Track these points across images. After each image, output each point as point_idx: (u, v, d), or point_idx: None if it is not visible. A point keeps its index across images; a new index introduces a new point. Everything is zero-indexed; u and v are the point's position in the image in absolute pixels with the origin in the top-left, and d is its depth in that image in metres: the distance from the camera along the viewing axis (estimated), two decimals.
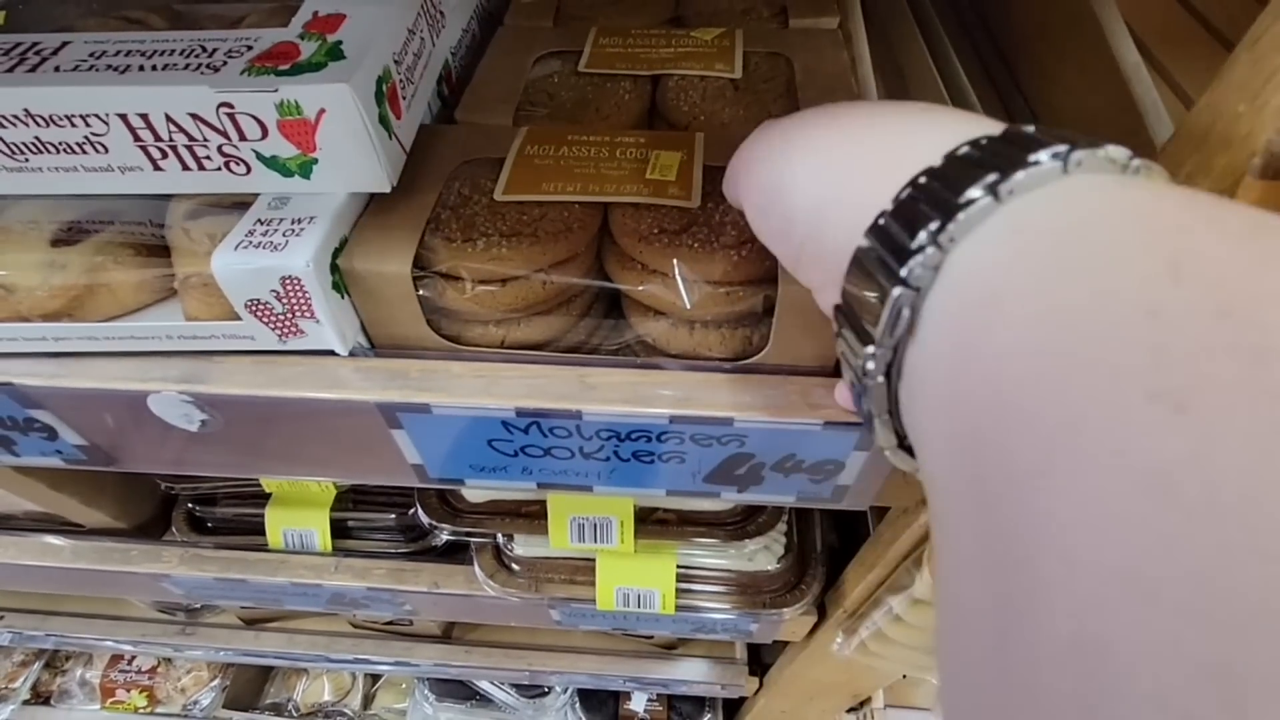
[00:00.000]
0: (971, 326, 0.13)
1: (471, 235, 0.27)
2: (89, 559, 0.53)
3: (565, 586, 0.48)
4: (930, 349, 0.14)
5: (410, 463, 0.31)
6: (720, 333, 0.28)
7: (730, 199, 0.24)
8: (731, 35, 0.38)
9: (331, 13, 0.26)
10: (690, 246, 0.26)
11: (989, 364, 0.12)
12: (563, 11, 0.42)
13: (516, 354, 0.29)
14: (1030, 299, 0.12)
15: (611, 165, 0.29)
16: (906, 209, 0.15)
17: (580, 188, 0.28)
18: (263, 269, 0.25)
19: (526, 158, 0.30)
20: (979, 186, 0.13)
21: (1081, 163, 0.13)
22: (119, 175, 0.26)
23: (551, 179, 0.29)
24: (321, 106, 0.23)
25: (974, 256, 0.13)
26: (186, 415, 0.28)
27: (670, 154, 0.29)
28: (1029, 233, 0.13)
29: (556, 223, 0.27)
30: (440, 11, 0.32)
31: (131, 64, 0.24)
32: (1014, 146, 0.14)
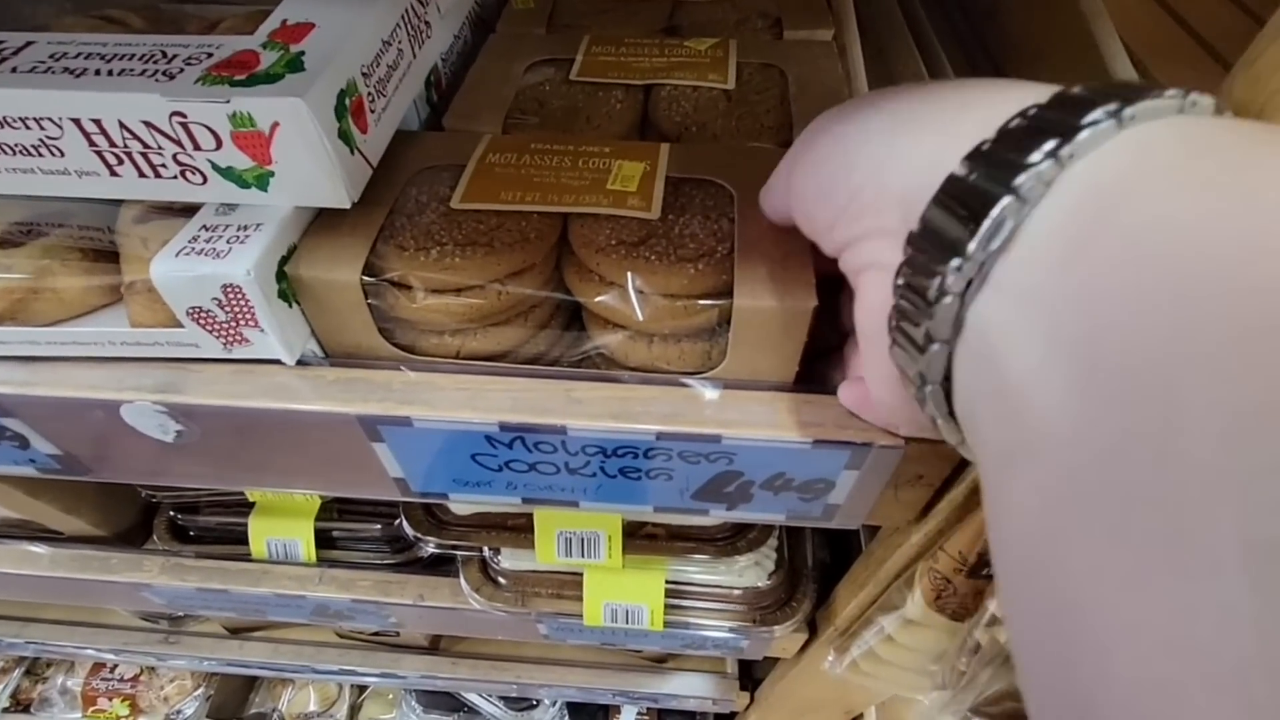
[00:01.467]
0: (1097, 213, 0.13)
1: (425, 244, 0.26)
2: (68, 567, 0.51)
3: (552, 601, 0.47)
4: (1035, 253, 0.14)
5: (392, 476, 0.30)
6: (679, 347, 0.27)
7: (776, 186, 0.24)
8: (725, 46, 0.38)
9: (301, 21, 0.26)
10: (647, 259, 0.26)
11: (1117, 241, 0.12)
12: (556, 19, 0.42)
13: (502, 366, 0.28)
14: (1169, 183, 0.12)
15: (573, 175, 0.29)
16: (1013, 136, 0.14)
17: (539, 197, 0.28)
18: (203, 276, 0.24)
19: (487, 166, 0.29)
20: (1100, 110, 0.13)
21: (1196, 104, 0.13)
22: (76, 179, 0.25)
23: (511, 188, 0.28)
24: (275, 120, 0.23)
25: (1097, 167, 0.13)
26: (162, 426, 0.28)
27: (633, 165, 0.29)
28: (1157, 146, 0.13)
29: (513, 232, 0.27)
30: (425, 21, 0.31)
31: (89, 68, 0.24)
32: (1115, 92, 0.14)
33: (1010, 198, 0.14)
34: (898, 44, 0.49)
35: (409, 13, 0.30)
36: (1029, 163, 0.13)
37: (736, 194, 0.28)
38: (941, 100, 0.17)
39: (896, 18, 0.50)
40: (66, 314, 0.28)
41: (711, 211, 0.28)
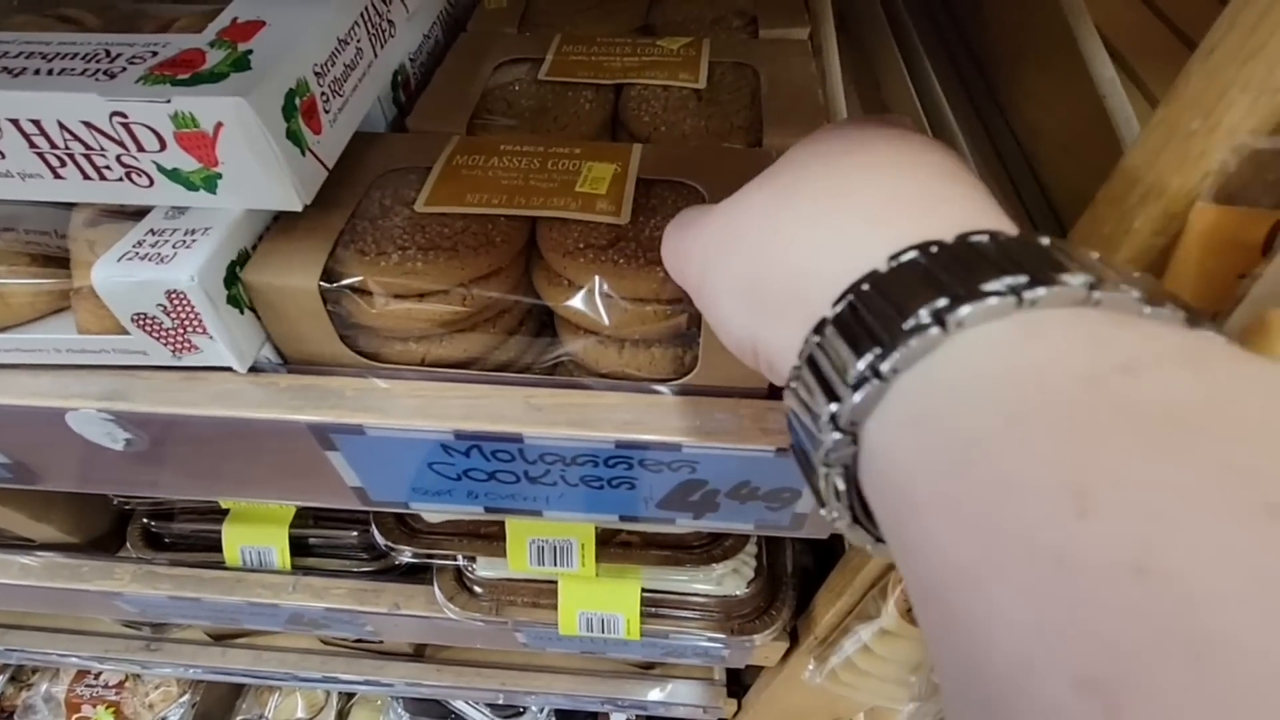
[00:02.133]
0: (893, 513, 0.13)
1: (386, 248, 0.26)
2: (39, 576, 0.51)
3: (528, 610, 0.46)
4: (894, 414, 0.13)
5: (350, 485, 0.29)
6: (650, 352, 0.26)
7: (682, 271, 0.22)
8: (698, 45, 0.37)
9: (252, 19, 0.25)
10: (615, 262, 0.25)
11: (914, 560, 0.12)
12: (528, 18, 0.41)
13: (462, 373, 0.27)
14: (935, 511, 0.11)
15: (542, 177, 0.28)
16: (905, 279, 0.13)
17: (506, 200, 0.27)
18: (146, 282, 0.23)
19: (454, 168, 0.29)
20: (999, 283, 0.12)
21: (1036, 302, 0.12)
22: (19, 182, 0.25)
23: (477, 190, 0.27)
24: (219, 120, 0.22)
25: (882, 426, 0.13)
26: (110, 434, 0.27)
27: (603, 166, 0.28)
28: (931, 422, 0.12)
29: (478, 236, 0.26)
30: (389, 20, 0.31)
31: (29, 67, 0.23)
32: (966, 266, 0.13)
33: (872, 360, 0.13)
34: (880, 42, 0.48)
35: (369, 11, 0.29)
36: (912, 326, 0.12)
37: (708, 196, 0.27)
38: (861, 197, 0.16)
39: (879, 16, 0.49)
40: (14, 320, 0.27)
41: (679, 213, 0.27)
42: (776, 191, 0.18)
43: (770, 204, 0.17)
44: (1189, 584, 0.08)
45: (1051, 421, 0.10)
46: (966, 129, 0.40)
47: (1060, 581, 0.09)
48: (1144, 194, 0.15)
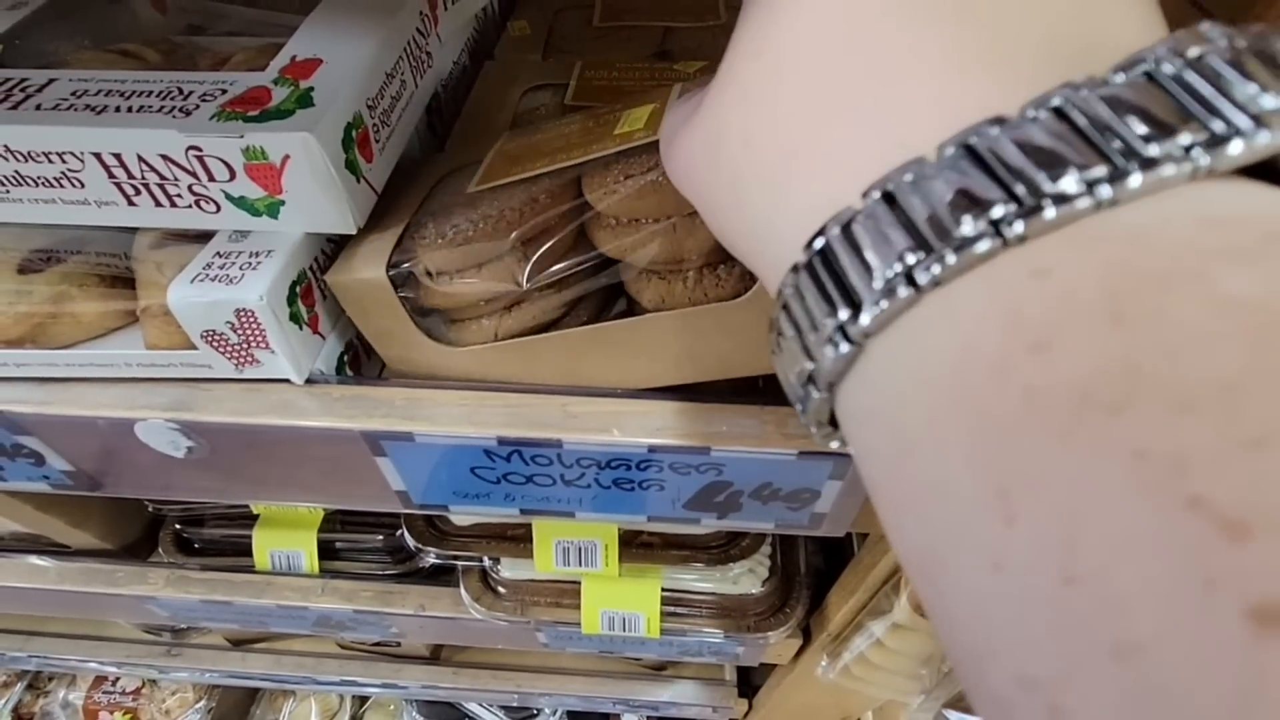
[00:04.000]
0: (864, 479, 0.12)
1: (444, 231, 0.27)
2: (74, 581, 0.52)
3: (551, 610, 0.48)
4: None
5: (394, 489, 0.31)
6: (715, 274, 0.26)
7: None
8: (714, 68, 0.39)
9: (309, 57, 0.27)
10: (659, 182, 0.24)
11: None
12: (551, 44, 0.43)
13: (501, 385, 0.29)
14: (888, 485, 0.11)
15: (581, 136, 0.29)
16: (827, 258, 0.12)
17: (547, 161, 0.28)
18: (218, 302, 0.25)
19: (501, 153, 0.30)
20: (1078, 178, 0.10)
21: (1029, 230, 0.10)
22: (95, 209, 0.26)
23: (522, 162, 0.28)
24: (286, 153, 0.24)
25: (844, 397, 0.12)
26: (173, 442, 0.29)
27: (641, 109, 0.28)
28: (871, 417, 0.11)
29: (524, 199, 0.27)
30: (427, 52, 0.33)
31: (109, 104, 0.25)
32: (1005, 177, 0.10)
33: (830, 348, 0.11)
34: None
35: (411, 44, 0.31)
36: (889, 277, 0.11)
37: None
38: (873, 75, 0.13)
39: None
40: (83, 336, 0.29)
41: None
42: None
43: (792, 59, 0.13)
44: (1113, 589, 0.08)
45: (968, 420, 0.10)
46: None
47: (997, 586, 0.09)
48: None
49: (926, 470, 0.10)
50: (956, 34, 0.12)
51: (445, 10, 0.36)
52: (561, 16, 0.46)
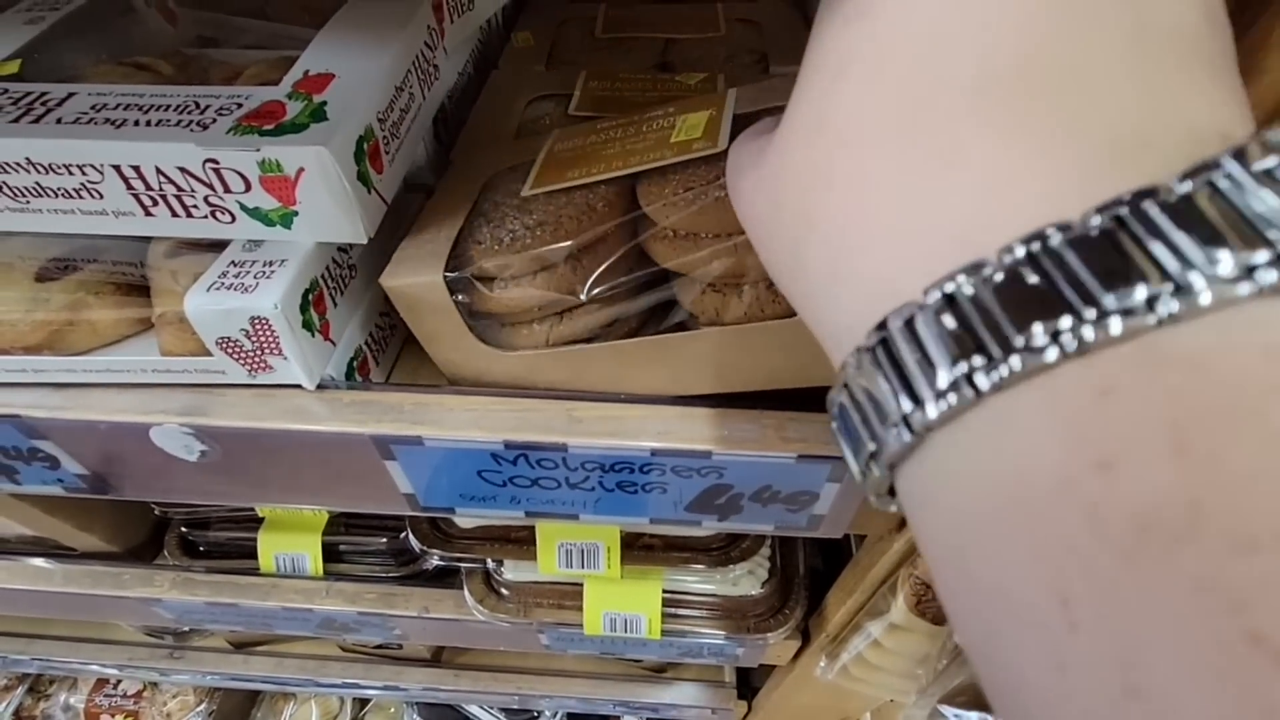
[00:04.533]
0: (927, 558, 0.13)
1: (499, 235, 0.27)
2: (80, 583, 0.53)
3: (554, 611, 0.48)
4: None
5: (402, 492, 0.32)
6: (772, 291, 0.26)
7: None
8: (714, 80, 0.40)
9: (322, 72, 0.28)
10: (718, 197, 0.24)
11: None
12: (555, 55, 0.44)
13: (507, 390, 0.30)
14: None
15: (637, 141, 0.29)
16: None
17: (604, 168, 0.28)
18: (233, 310, 0.26)
19: (554, 154, 0.30)
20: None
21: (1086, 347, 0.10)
22: (113, 219, 0.27)
23: (577, 166, 0.29)
24: (301, 165, 0.25)
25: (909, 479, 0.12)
26: (187, 446, 0.30)
27: (698, 115, 0.28)
28: (933, 505, 0.12)
29: (580, 206, 0.27)
30: (434, 65, 0.34)
31: (128, 118, 0.26)
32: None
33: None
34: None
35: (419, 57, 0.32)
36: (948, 383, 0.11)
37: None
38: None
39: None
40: (99, 343, 0.29)
41: None
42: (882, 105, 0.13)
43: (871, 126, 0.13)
44: (1175, 707, 0.09)
45: (1030, 528, 0.10)
46: None
47: (1061, 684, 0.10)
48: None
49: (988, 567, 0.11)
50: (1020, 117, 0.12)
51: (451, 23, 0.37)
52: (564, 28, 0.47)
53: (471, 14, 0.39)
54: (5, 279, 0.29)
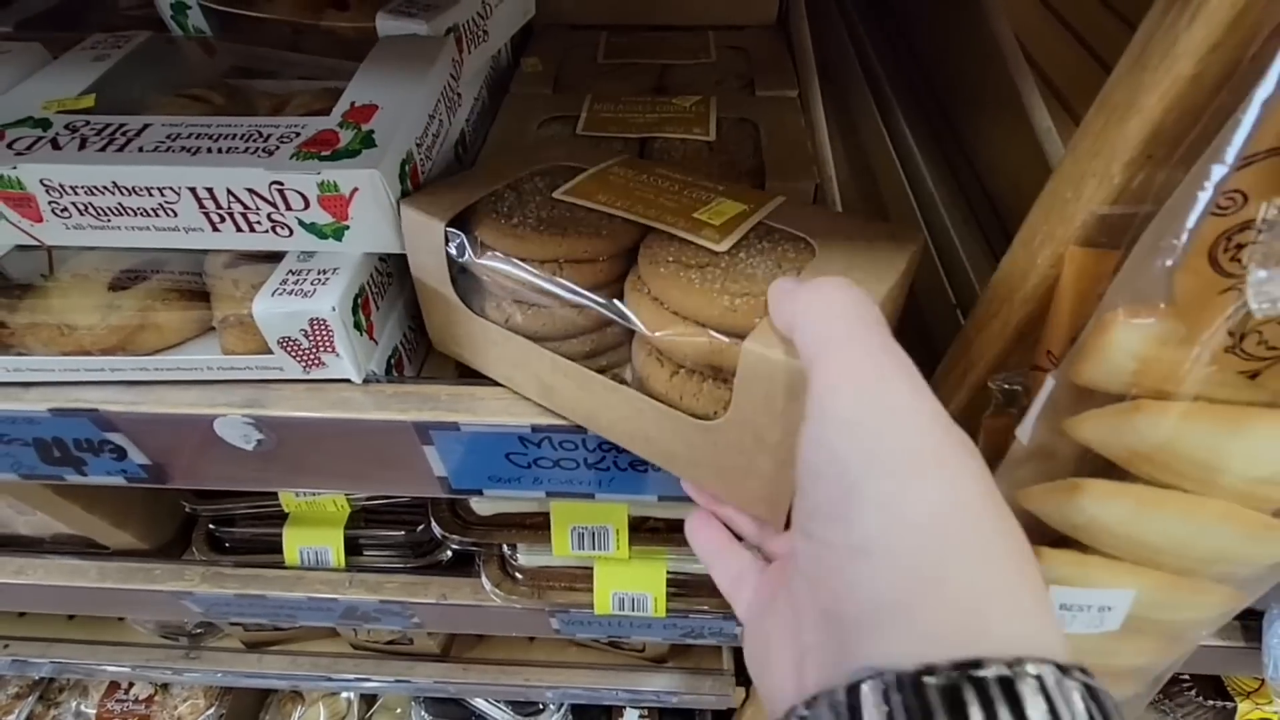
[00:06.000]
0: None
1: (510, 215, 0.30)
2: (114, 579, 0.56)
3: (566, 593, 0.52)
4: None
5: (436, 476, 0.36)
6: (698, 384, 0.27)
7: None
8: (707, 102, 0.44)
9: (366, 103, 0.32)
10: (691, 280, 0.26)
11: None
12: (561, 80, 0.48)
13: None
14: None
15: (673, 199, 0.31)
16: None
17: (628, 206, 0.30)
18: (295, 312, 0.30)
19: (605, 172, 0.33)
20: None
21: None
22: (183, 234, 0.31)
23: (611, 192, 0.31)
24: (355, 186, 0.28)
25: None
26: (245, 436, 0.33)
27: (733, 204, 0.30)
28: None
29: (589, 226, 0.29)
30: (457, 94, 0.38)
31: (200, 146, 0.30)
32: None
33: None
34: (857, 93, 0.56)
35: (447, 88, 0.36)
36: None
37: (819, 253, 0.27)
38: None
39: (856, 71, 0.57)
40: (165, 344, 0.33)
41: (785, 262, 0.27)
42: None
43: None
44: None
45: None
46: (933, 167, 0.47)
47: None
48: (1042, 240, 0.22)
49: None
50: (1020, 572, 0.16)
51: (469, 54, 0.41)
52: (569, 55, 0.51)
53: (486, 45, 0.44)
54: (83, 288, 0.32)
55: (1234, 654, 0.53)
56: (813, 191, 0.38)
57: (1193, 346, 0.18)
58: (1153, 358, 0.19)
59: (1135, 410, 0.20)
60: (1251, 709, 0.70)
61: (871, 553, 0.16)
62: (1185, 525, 0.21)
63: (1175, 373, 0.19)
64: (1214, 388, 0.19)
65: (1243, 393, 0.18)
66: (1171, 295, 0.18)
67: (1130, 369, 0.20)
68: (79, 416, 0.32)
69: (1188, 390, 0.19)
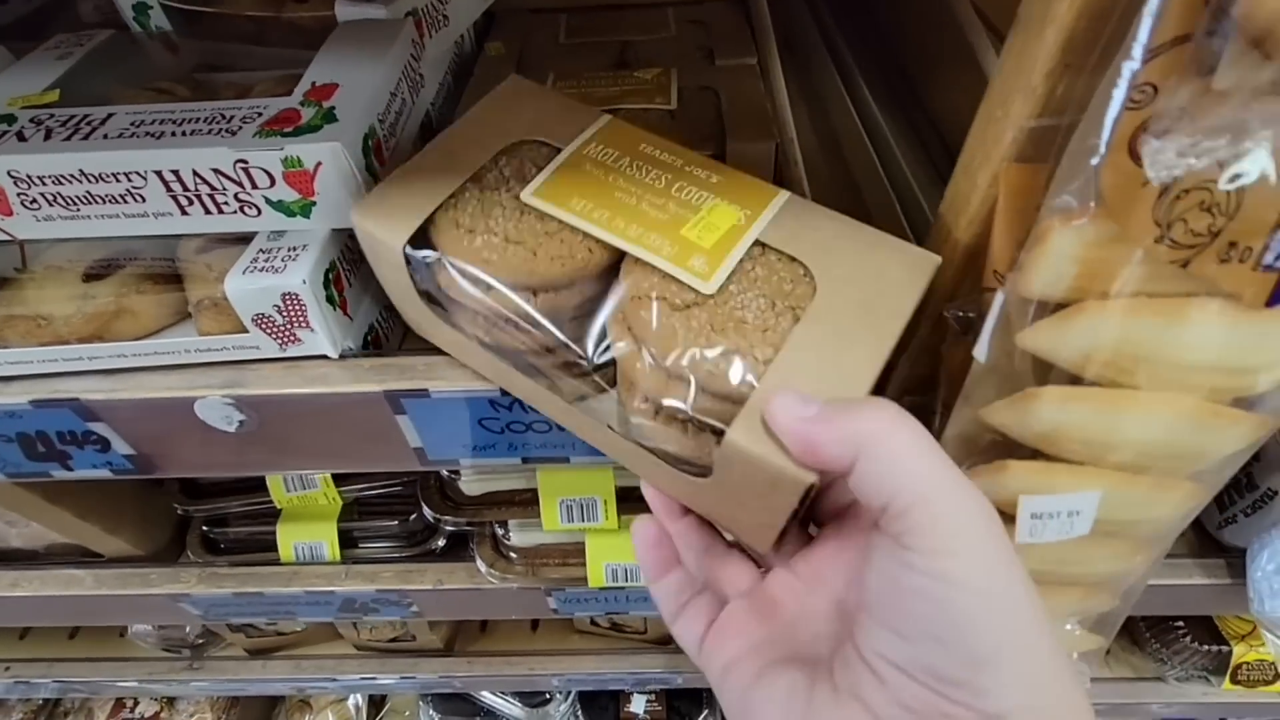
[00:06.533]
0: None
1: (477, 227, 0.27)
2: (110, 585, 0.56)
3: (559, 569, 0.52)
4: None
5: (412, 446, 0.36)
6: (683, 431, 0.25)
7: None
8: (668, 73, 0.45)
9: (326, 82, 0.32)
10: (674, 329, 0.23)
11: None
12: (524, 62, 0.49)
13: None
14: None
15: (658, 202, 0.27)
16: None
17: (607, 219, 0.26)
18: (267, 287, 0.30)
19: (580, 159, 0.29)
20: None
21: None
22: (152, 220, 0.31)
23: (586, 196, 0.27)
24: (319, 160, 0.29)
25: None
26: (227, 417, 0.34)
27: (727, 210, 0.26)
28: None
29: (564, 245, 0.26)
30: (420, 74, 0.38)
31: (165, 130, 0.30)
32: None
33: None
34: (819, 61, 0.57)
35: (408, 67, 0.37)
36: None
37: (819, 285, 0.24)
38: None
39: (816, 40, 0.58)
40: (142, 332, 0.33)
41: (781, 299, 0.24)
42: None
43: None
44: None
45: None
46: (894, 125, 0.48)
47: None
48: (980, 162, 0.22)
49: None
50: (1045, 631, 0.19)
51: (430, 38, 0.42)
52: (532, 37, 0.52)
53: (447, 29, 0.44)
54: (58, 280, 0.33)
55: (1221, 591, 0.54)
56: (773, 151, 0.39)
57: (1125, 243, 0.19)
58: (1090, 259, 0.20)
59: (1079, 313, 0.20)
60: (1246, 651, 0.71)
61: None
62: (1141, 422, 0.21)
63: (1112, 271, 0.19)
64: (1150, 282, 0.19)
65: (1178, 284, 0.19)
66: (1100, 195, 0.19)
67: (1071, 274, 0.20)
68: (60, 407, 0.33)
69: (1126, 287, 0.19)
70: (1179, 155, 0.15)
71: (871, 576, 0.20)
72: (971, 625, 0.18)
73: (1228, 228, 0.17)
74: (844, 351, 0.22)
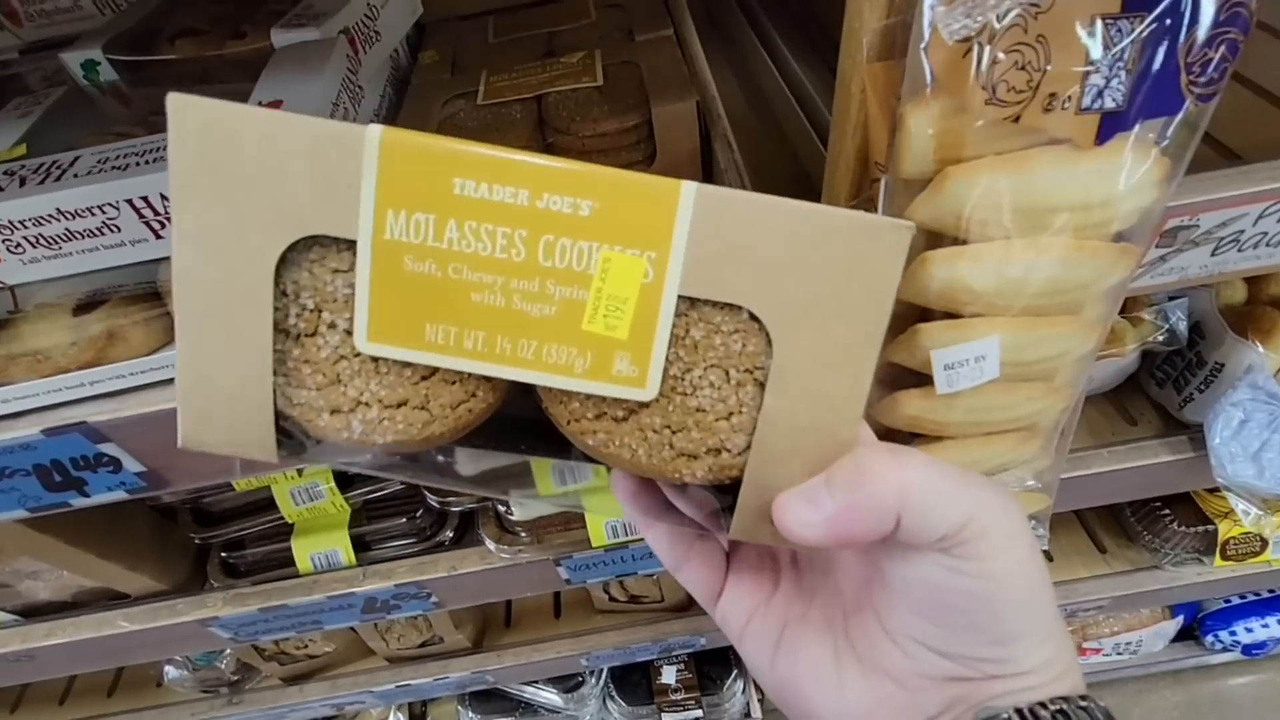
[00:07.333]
0: None
1: (340, 405, 0.20)
2: (141, 620, 0.58)
3: (563, 533, 0.55)
4: None
5: None
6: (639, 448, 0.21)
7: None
8: (592, 54, 0.48)
9: (272, 100, 0.35)
10: (633, 449, 0.20)
11: None
12: (458, 64, 0.52)
13: None
14: None
15: (531, 288, 0.19)
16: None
17: (483, 344, 0.19)
18: None
19: (390, 251, 0.19)
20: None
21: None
22: (130, 248, 0.34)
23: (436, 315, 0.19)
24: None
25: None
26: None
27: (624, 265, 0.18)
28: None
29: (456, 388, 0.20)
30: (359, 86, 0.41)
31: (129, 163, 0.33)
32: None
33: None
34: (741, 31, 0.60)
35: (346, 80, 0.40)
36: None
37: (773, 334, 0.19)
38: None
39: (737, 12, 0.61)
40: (135, 354, 0.36)
41: (732, 365, 0.20)
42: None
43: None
44: None
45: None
46: (816, 80, 0.51)
47: None
48: (851, 70, 0.25)
49: None
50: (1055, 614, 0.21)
51: (365, 53, 0.44)
52: (462, 41, 0.55)
53: (381, 44, 0.47)
54: (51, 316, 0.35)
55: (1188, 465, 0.58)
56: (695, 109, 0.42)
57: (965, 112, 0.22)
58: (942, 132, 0.23)
59: (943, 180, 0.23)
60: (1231, 527, 0.74)
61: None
62: (1021, 266, 0.24)
63: (962, 139, 0.22)
64: (995, 141, 0.22)
65: (1019, 139, 0.22)
66: (934, 74, 0.22)
67: (931, 150, 0.23)
68: (71, 433, 0.35)
69: (975, 150, 0.22)
70: (966, 16, 0.18)
71: (904, 575, 0.21)
72: (1010, 611, 0.20)
73: (1044, 80, 0.20)
74: (825, 387, 0.19)
